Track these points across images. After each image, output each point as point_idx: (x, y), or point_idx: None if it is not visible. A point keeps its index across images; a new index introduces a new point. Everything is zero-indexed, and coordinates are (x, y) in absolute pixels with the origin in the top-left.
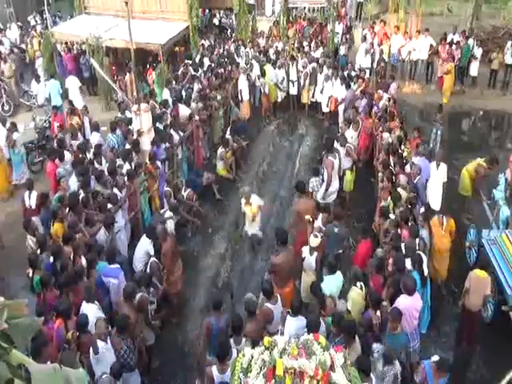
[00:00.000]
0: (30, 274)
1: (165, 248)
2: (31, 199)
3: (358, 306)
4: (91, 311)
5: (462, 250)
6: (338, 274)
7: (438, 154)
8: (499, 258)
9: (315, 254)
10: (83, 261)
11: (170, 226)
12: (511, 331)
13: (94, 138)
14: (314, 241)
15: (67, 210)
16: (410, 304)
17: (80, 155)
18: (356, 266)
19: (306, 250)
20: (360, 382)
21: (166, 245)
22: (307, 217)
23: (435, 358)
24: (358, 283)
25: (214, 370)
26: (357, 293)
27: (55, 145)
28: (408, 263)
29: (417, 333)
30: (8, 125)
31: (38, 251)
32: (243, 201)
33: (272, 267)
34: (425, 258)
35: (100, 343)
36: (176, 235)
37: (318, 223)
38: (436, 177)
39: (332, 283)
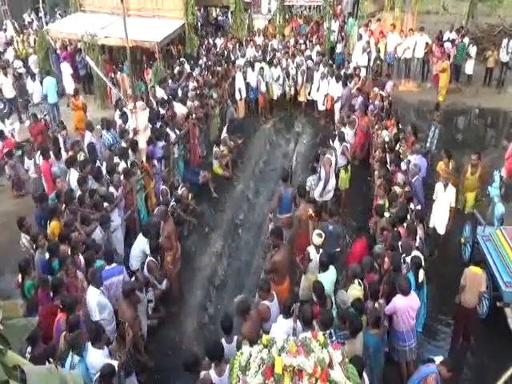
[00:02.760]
0: (20, 280)
1: (167, 229)
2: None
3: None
4: (93, 295)
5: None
6: (332, 269)
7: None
8: (494, 255)
9: (321, 251)
10: (81, 260)
11: None
12: (506, 327)
13: (87, 138)
14: (318, 239)
15: (63, 207)
16: (406, 304)
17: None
18: (353, 264)
19: (312, 251)
20: (358, 379)
21: (168, 225)
22: (310, 211)
23: (439, 358)
24: (356, 280)
25: (212, 373)
26: (356, 289)
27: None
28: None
29: (414, 332)
30: (7, 122)
31: (33, 248)
32: None
33: (273, 265)
34: (421, 257)
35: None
36: None
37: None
38: (443, 199)
39: (327, 280)
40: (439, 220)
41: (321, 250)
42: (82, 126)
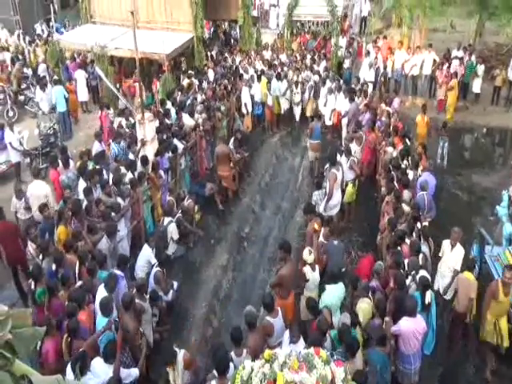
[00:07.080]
0: (32, 286)
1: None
2: None
3: (368, 316)
4: (100, 296)
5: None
6: (341, 285)
7: (454, 232)
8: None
9: (317, 268)
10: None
11: (173, 229)
12: None
13: (95, 147)
14: (309, 257)
15: (70, 215)
16: (413, 327)
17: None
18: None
19: (308, 270)
20: None
21: (220, 147)
22: (315, 225)
23: None
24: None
25: None
26: (367, 303)
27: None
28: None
29: (419, 355)
30: (16, 130)
31: (40, 257)
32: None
33: (279, 279)
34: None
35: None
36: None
37: (320, 238)
38: (449, 259)
39: (334, 293)
40: (445, 282)
41: (317, 268)
42: (74, 108)
